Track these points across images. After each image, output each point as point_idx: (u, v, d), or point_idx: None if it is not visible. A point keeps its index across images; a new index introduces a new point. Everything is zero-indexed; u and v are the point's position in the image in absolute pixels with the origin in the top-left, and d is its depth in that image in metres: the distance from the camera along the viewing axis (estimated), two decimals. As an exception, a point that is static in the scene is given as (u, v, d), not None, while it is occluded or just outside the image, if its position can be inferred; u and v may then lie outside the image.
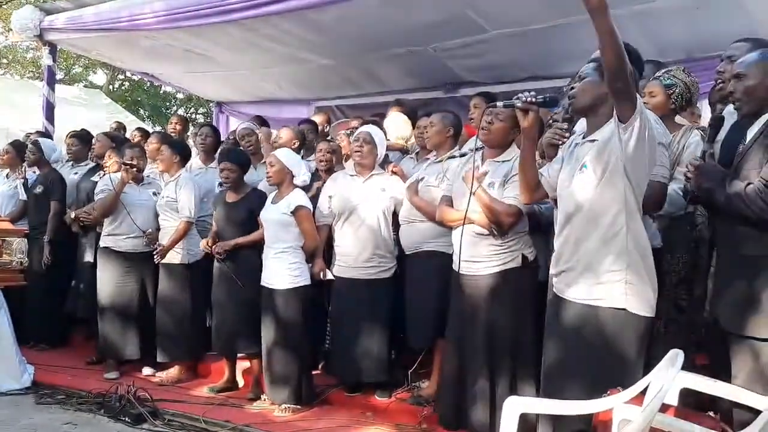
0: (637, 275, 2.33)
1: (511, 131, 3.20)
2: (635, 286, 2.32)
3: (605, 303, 2.33)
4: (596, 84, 2.42)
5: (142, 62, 7.51)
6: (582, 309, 2.38)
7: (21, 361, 4.56)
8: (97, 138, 5.53)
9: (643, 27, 4.70)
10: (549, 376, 2.49)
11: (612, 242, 2.34)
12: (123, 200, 4.72)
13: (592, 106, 2.44)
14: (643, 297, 2.33)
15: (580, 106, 2.50)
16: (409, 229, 3.93)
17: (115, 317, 4.76)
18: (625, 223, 2.33)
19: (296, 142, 4.90)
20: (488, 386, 3.17)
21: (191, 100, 18.57)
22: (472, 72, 6.11)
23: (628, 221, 2.34)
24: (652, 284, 2.36)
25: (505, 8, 4.88)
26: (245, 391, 4.44)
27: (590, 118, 2.49)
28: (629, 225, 2.34)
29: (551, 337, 2.55)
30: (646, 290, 2.34)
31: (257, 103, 8.06)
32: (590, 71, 2.48)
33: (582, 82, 2.48)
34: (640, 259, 2.34)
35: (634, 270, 2.32)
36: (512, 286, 3.17)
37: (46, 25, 6.55)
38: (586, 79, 2.47)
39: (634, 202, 2.35)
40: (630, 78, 2.21)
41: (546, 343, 2.57)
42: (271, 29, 5.61)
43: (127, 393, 4.05)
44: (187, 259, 4.66)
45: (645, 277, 2.34)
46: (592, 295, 2.37)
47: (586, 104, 2.46)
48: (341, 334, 4.14)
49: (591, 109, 2.46)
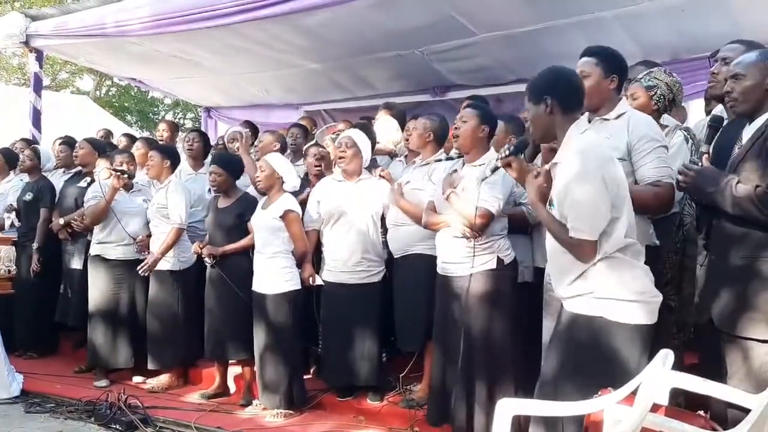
0: (606, 284, 2.26)
1: (478, 132, 3.25)
2: (607, 293, 2.26)
3: (582, 310, 2.31)
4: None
5: (130, 68, 7.47)
6: (567, 314, 2.38)
7: (9, 370, 4.53)
8: (79, 145, 5.47)
9: (629, 29, 4.74)
10: (541, 378, 2.49)
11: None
12: (113, 208, 4.70)
13: (545, 131, 2.46)
14: (620, 305, 2.24)
15: (538, 138, 2.56)
16: (396, 232, 3.95)
17: (106, 326, 4.74)
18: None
19: (277, 146, 4.89)
20: (465, 387, 3.19)
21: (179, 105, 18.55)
22: (460, 75, 6.13)
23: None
24: (634, 290, 2.27)
25: (492, 11, 4.90)
26: (237, 397, 4.44)
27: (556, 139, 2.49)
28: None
29: (550, 340, 2.55)
30: (622, 296, 2.25)
31: (246, 108, 8.06)
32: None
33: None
34: (608, 268, 2.26)
35: (604, 279, 2.26)
36: (487, 287, 3.19)
37: (32, 31, 6.51)
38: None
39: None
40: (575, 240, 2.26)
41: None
42: (258, 33, 5.60)
43: (117, 400, 4.03)
44: (177, 266, 4.63)
45: (616, 286, 2.25)
46: (568, 301, 2.38)
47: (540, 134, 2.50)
48: (332, 338, 4.14)
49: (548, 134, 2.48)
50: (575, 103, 2.40)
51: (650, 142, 2.71)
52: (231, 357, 4.43)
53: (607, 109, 2.82)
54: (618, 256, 2.26)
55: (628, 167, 2.72)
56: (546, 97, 2.35)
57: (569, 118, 2.37)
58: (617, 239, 2.25)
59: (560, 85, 2.39)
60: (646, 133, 2.72)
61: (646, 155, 2.70)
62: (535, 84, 2.43)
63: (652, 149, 2.70)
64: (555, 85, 2.38)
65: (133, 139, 6.25)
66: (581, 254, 2.26)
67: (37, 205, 5.35)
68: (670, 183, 2.69)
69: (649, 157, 2.70)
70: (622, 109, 2.81)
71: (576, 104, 2.40)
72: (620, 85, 2.84)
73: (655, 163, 2.70)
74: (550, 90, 2.36)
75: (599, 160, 2.26)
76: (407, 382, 4.14)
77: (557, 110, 2.36)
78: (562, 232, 2.29)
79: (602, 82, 2.79)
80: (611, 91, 2.81)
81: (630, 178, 2.71)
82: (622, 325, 2.24)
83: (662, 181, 2.69)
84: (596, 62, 2.79)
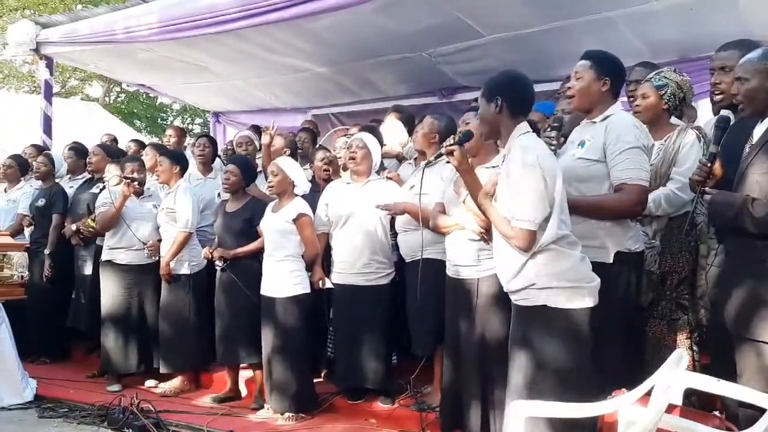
0: (544, 274, 2.44)
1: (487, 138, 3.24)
2: (546, 283, 2.44)
3: (526, 303, 2.50)
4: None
5: (138, 74, 7.52)
6: (516, 309, 2.60)
7: (23, 375, 4.56)
8: (93, 151, 5.52)
9: (637, 28, 4.74)
10: (509, 379, 2.61)
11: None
12: (123, 214, 4.73)
13: (491, 129, 2.66)
14: (559, 291, 2.43)
15: (486, 134, 2.74)
16: (407, 237, 3.93)
17: (117, 331, 4.76)
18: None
19: (287, 151, 4.91)
20: (480, 391, 3.17)
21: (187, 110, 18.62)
22: (467, 77, 6.13)
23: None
24: (570, 278, 2.44)
25: (499, 13, 4.91)
26: (248, 400, 4.44)
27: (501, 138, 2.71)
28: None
29: (509, 340, 2.70)
30: (560, 284, 2.43)
31: (253, 113, 8.09)
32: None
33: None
34: (545, 259, 2.44)
35: (542, 270, 2.44)
36: (500, 289, 3.16)
37: (43, 39, 6.57)
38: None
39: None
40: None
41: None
42: (265, 39, 5.63)
43: (130, 405, 4.04)
44: (188, 270, 4.66)
45: (554, 275, 2.43)
46: (515, 296, 2.61)
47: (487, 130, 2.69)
48: (342, 340, 4.14)
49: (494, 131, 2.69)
50: (523, 108, 2.62)
51: (622, 143, 2.70)
52: (242, 361, 4.44)
53: (599, 111, 2.83)
54: (553, 248, 2.44)
55: (604, 169, 2.73)
56: (498, 97, 2.57)
57: (515, 120, 2.58)
58: (551, 232, 2.43)
59: (513, 90, 2.61)
60: (619, 134, 2.71)
61: (616, 156, 2.70)
62: (491, 83, 2.65)
63: (622, 150, 2.69)
64: (508, 89, 2.60)
65: (142, 145, 6.30)
66: (522, 243, 2.44)
67: (49, 211, 5.39)
68: (637, 185, 2.69)
69: (619, 158, 2.70)
70: (609, 112, 2.80)
71: (523, 109, 2.62)
72: (614, 88, 2.83)
73: (625, 164, 2.69)
74: (503, 92, 2.58)
75: (539, 157, 2.45)
76: (418, 385, 4.14)
77: (505, 111, 2.58)
78: (504, 223, 2.48)
79: (593, 84, 2.81)
80: (602, 94, 2.82)
81: (606, 181, 2.73)
82: (563, 310, 2.42)
83: (627, 184, 2.68)
84: (590, 65, 2.83)
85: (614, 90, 2.83)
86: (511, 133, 2.59)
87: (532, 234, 2.41)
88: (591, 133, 2.80)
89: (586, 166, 2.76)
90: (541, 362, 2.42)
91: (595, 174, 2.75)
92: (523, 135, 2.56)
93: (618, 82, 2.85)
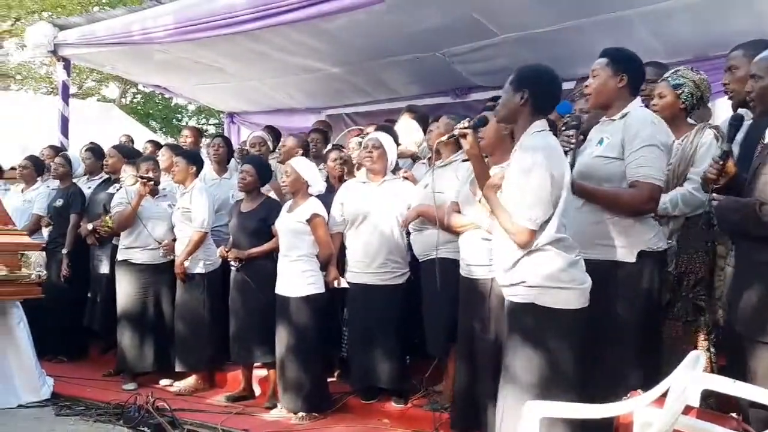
0: (536, 273, 2.46)
1: (501, 131, 3.20)
2: (537, 281, 2.46)
3: (517, 299, 2.53)
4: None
5: (155, 75, 7.57)
6: (507, 303, 2.63)
7: (41, 373, 4.61)
8: (109, 153, 5.57)
9: (652, 27, 4.70)
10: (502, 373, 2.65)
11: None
12: (139, 213, 4.78)
13: (510, 116, 2.65)
14: (548, 291, 2.45)
15: (502, 118, 2.72)
16: (420, 236, 3.93)
17: (133, 330, 4.81)
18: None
19: (299, 151, 4.93)
20: (495, 391, 3.13)
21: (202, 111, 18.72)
22: (481, 76, 6.11)
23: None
24: (561, 279, 2.44)
25: (514, 12, 4.88)
26: (262, 399, 4.46)
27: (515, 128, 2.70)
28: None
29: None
30: (550, 284, 2.45)
31: (268, 113, 8.12)
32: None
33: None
34: (539, 259, 2.46)
35: (534, 269, 2.46)
36: None
37: (60, 40, 6.63)
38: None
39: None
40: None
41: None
42: (280, 39, 5.65)
43: (145, 403, 4.10)
44: (203, 269, 4.69)
45: (546, 275, 2.45)
46: (506, 290, 2.64)
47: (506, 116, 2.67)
48: (356, 340, 4.15)
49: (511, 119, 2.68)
50: (546, 107, 2.63)
51: (638, 140, 2.68)
52: (256, 360, 4.46)
53: (617, 109, 2.81)
54: (548, 249, 2.46)
55: (623, 166, 2.71)
56: (525, 89, 2.55)
57: (535, 117, 2.57)
58: (550, 233, 2.45)
59: (542, 87, 2.59)
60: (636, 131, 2.69)
61: (632, 153, 2.69)
62: (523, 74, 2.62)
63: (639, 147, 2.67)
64: (538, 84, 2.58)
65: (158, 146, 6.34)
66: (520, 240, 2.46)
67: (67, 212, 5.44)
68: (650, 183, 2.67)
69: (634, 155, 2.68)
70: (627, 109, 2.78)
71: (546, 108, 2.63)
72: (632, 85, 2.81)
73: (639, 161, 2.67)
74: (532, 86, 2.56)
75: (550, 158, 2.45)
76: (431, 384, 4.13)
77: (529, 105, 2.56)
78: (506, 217, 2.50)
79: (609, 81, 2.80)
80: (620, 90, 2.80)
81: (625, 178, 2.70)
82: (550, 309, 2.44)
83: (640, 181, 2.66)
84: (606, 62, 2.82)
85: (632, 86, 2.81)
86: (527, 128, 2.58)
87: (532, 233, 2.44)
88: (610, 130, 2.79)
89: (604, 164, 2.74)
90: (526, 358, 2.46)
91: (613, 172, 2.73)
92: (538, 133, 2.56)
93: (636, 79, 2.82)
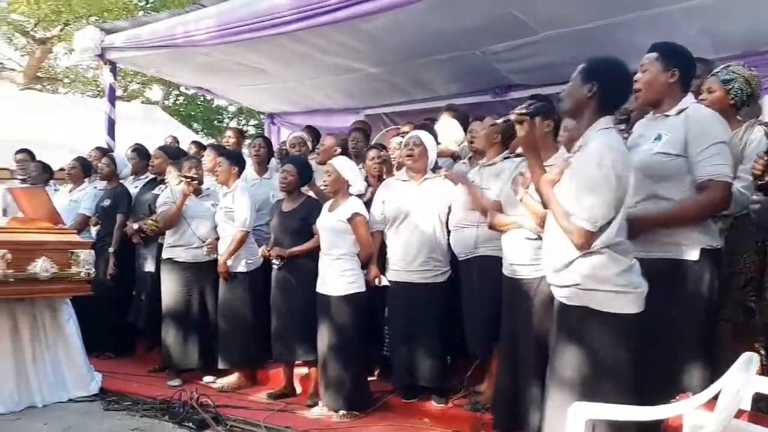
0: (591, 277, 2.37)
1: (543, 128, 3.16)
2: (591, 285, 2.38)
3: (569, 301, 2.45)
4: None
5: (198, 77, 7.71)
6: (557, 305, 2.56)
7: (89, 369, 4.74)
8: (155, 154, 5.70)
9: (698, 23, 4.59)
10: (547, 375, 2.60)
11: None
12: (184, 212, 4.88)
13: (575, 109, 2.51)
14: (603, 295, 2.37)
15: (566, 109, 2.59)
16: (460, 234, 3.92)
17: (178, 327, 4.90)
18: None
19: (338, 150, 4.95)
20: (539, 391, 3.12)
21: (242, 112, 18.98)
22: (521, 74, 6.07)
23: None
24: (617, 283, 2.36)
25: (555, 8, 4.83)
26: (303, 397, 4.50)
27: (579, 122, 2.54)
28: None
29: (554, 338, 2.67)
30: (605, 287, 2.37)
31: (307, 114, 8.20)
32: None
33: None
34: (595, 261, 2.37)
35: (590, 272, 2.38)
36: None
37: (107, 44, 6.80)
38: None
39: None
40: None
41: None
42: (320, 40, 5.69)
43: (190, 399, 4.16)
44: (245, 268, 4.76)
45: (601, 279, 2.37)
46: (556, 290, 2.57)
47: (571, 108, 2.54)
48: (398, 338, 4.15)
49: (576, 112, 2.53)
50: (615, 104, 2.51)
51: (709, 138, 2.62)
52: (297, 358, 4.50)
53: (669, 104, 2.75)
54: (606, 252, 2.37)
55: (685, 164, 2.65)
56: (595, 82, 2.42)
57: (602, 112, 2.45)
58: (609, 237, 2.35)
59: (613, 82, 2.45)
60: (704, 129, 2.64)
61: (702, 151, 2.62)
62: (595, 65, 2.48)
63: (709, 145, 2.61)
64: (609, 79, 2.44)
65: (202, 147, 6.46)
66: (577, 241, 2.36)
67: (114, 211, 5.58)
68: (722, 182, 2.61)
69: (706, 153, 2.61)
70: (683, 105, 2.72)
71: (614, 105, 2.51)
72: (683, 80, 2.75)
73: (713, 160, 2.61)
74: (602, 80, 2.42)
75: (616, 158, 2.33)
76: (471, 384, 4.12)
77: (596, 100, 2.43)
78: (563, 216, 2.39)
79: (660, 75, 2.74)
80: (670, 86, 2.74)
81: (687, 175, 2.64)
82: (605, 313, 2.35)
83: (714, 180, 2.60)
84: (656, 56, 2.76)
85: (683, 82, 2.75)
86: (593, 123, 2.44)
87: (590, 234, 2.33)
88: (666, 127, 2.71)
89: (666, 161, 2.67)
90: (576, 362, 2.39)
91: (674, 170, 2.66)
92: (605, 130, 2.42)
93: (687, 74, 2.76)
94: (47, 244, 4.40)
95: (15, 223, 4.51)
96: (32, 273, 4.25)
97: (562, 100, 2.57)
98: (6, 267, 4.11)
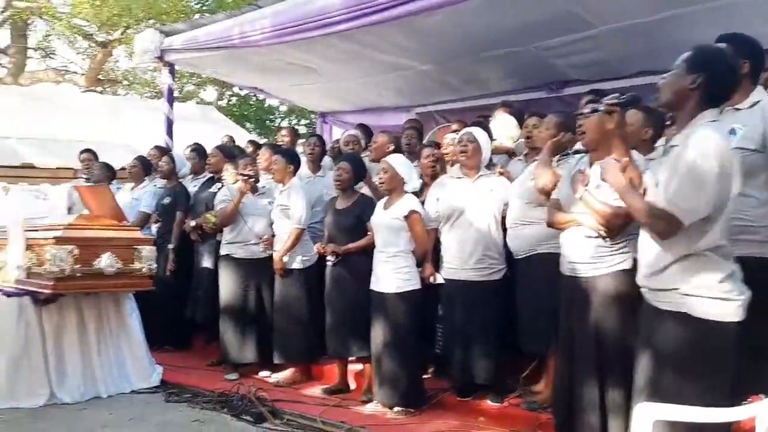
0: (692, 281, 2.23)
1: (606, 129, 3.08)
2: (692, 290, 2.24)
3: (666, 306, 2.30)
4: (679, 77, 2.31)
5: (252, 77, 7.83)
6: (651, 309, 2.40)
7: (151, 361, 4.90)
8: (212, 153, 5.84)
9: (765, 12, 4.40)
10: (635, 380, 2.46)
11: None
12: (241, 209, 4.98)
13: (675, 101, 2.34)
14: (704, 301, 2.22)
15: (664, 101, 2.41)
16: (517, 232, 3.88)
17: (235, 322, 5.01)
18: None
19: (391, 147, 4.97)
20: (598, 393, 3.06)
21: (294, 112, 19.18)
22: (577, 69, 5.95)
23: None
24: (719, 289, 2.22)
25: (612, 2, 4.72)
26: (357, 393, 4.53)
27: (678, 115, 2.37)
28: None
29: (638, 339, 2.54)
30: (707, 293, 2.23)
31: (359, 112, 8.23)
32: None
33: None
34: (696, 265, 2.23)
35: (690, 276, 2.24)
36: (621, 289, 3.02)
37: (166, 46, 6.97)
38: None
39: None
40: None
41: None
42: (372, 38, 5.71)
43: (248, 393, 4.25)
44: (300, 264, 4.82)
45: (702, 283, 2.22)
46: (651, 294, 2.41)
47: (670, 100, 2.37)
48: (453, 336, 4.13)
49: (676, 105, 2.35)
50: (720, 97, 2.31)
51: None
52: (352, 354, 4.53)
53: (740, 97, 2.67)
54: (708, 255, 2.23)
55: (763, 159, 2.56)
56: (701, 74, 2.26)
57: (706, 105, 2.28)
58: (712, 239, 2.21)
59: (719, 72, 2.28)
60: None
61: None
62: (701, 54, 2.32)
63: None
64: (716, 71, 2.27)
65: (258, 146, 6.58)
66: (662, 228, 2.22)
67: (174, 209, 5.74)
68: None
69: None
70: (756, 98, 2.63)
71: (720, 98, 2.31)
72: (753, 71, 2.66)
73: None
74: (708, 71, 2.26)
75: (722, 154, 2.18)
76: (527, 384, 4.07)
77: (701, 92, 2.27)
78: (644, 211, 2.26)
79: None
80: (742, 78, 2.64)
81: (763, 172, 2.55)
82: (705, 321, 2.21)
83: None
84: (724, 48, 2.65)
85: (753, 73, 2.66)
86: (695, 116, 2.28)
87: (676, 223, 2.18)
88: (740, 121, 2.64)
89: (743, 156, 2.55)
90: (673, 370, 2.23)
91: (752, 164, 2.58)
92: (710, 123, 2.27)
93: (757, 65, 2.67)
94: (112, 240, 4.56)
95: (81, 220, 4.67)
96: (98, 268, 4.41)
97: (659, 91, 2.40)
98: (74, 262, 4.27)
